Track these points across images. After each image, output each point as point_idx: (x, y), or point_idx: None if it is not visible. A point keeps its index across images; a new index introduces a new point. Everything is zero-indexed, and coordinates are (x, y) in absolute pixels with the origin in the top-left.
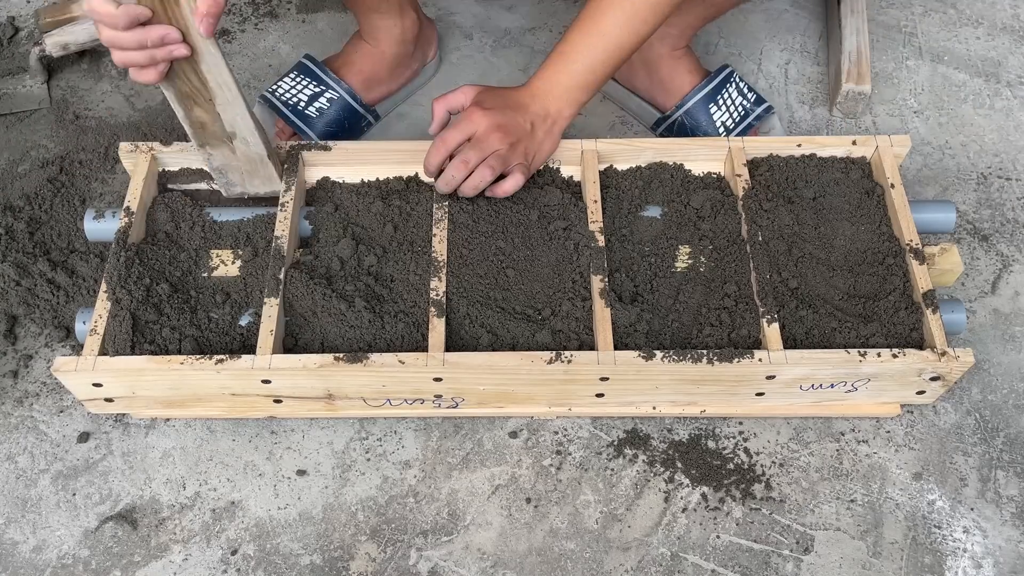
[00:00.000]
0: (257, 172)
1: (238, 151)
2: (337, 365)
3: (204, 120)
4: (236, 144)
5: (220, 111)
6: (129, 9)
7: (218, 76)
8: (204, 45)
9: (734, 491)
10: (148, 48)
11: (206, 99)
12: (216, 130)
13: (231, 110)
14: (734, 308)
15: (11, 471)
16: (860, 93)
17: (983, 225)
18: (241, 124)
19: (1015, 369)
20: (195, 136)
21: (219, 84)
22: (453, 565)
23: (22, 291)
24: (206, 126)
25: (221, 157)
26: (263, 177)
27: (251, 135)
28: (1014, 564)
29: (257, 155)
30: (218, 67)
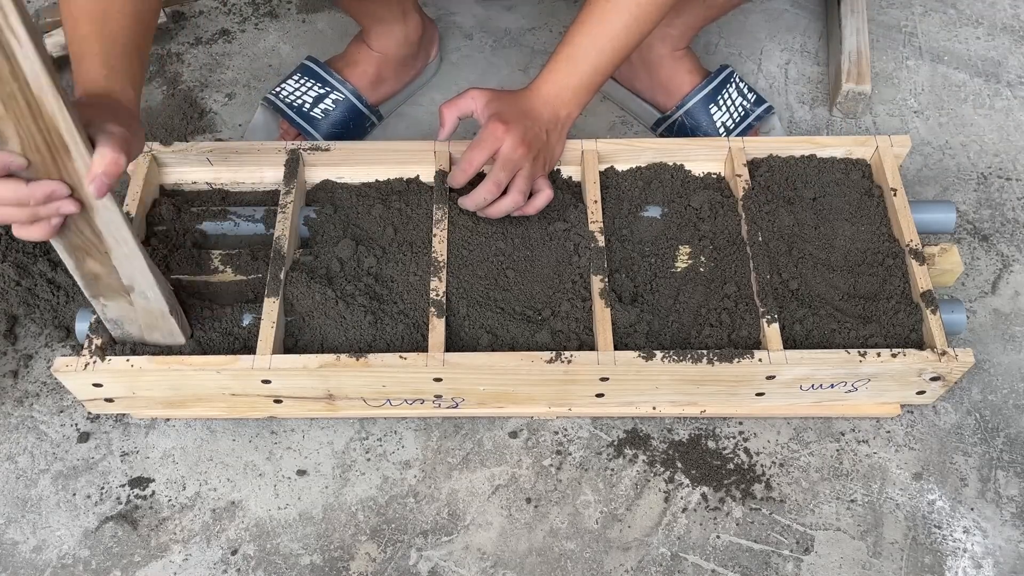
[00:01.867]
0: (157, 326)
1: (136, 304)
2: (337, 365)
3: (98, 272)
4: (134, 297)
5: (117, 264)
6: (3, 157)
7: (115, 231)
8: (98, 200)
9: (734, 491)
10: (31, 206)
11: (101, 252)
12: (112, 282)
13: (129, 264)
14: (734, 309)
15: (11, 471)
16: (860, 93)
17: (983, 225)
18: (140, 279)
19: (1015, 369)
20: (87, 287)
21: (116, 238)
22: (453, 565)
23: (22, 291)
24: (100, 278)
25: (117, 309)
26: (163, 331)
27: (151, 289)
28: (1014, 564)
29: (158, 310)
30: (115, 221)
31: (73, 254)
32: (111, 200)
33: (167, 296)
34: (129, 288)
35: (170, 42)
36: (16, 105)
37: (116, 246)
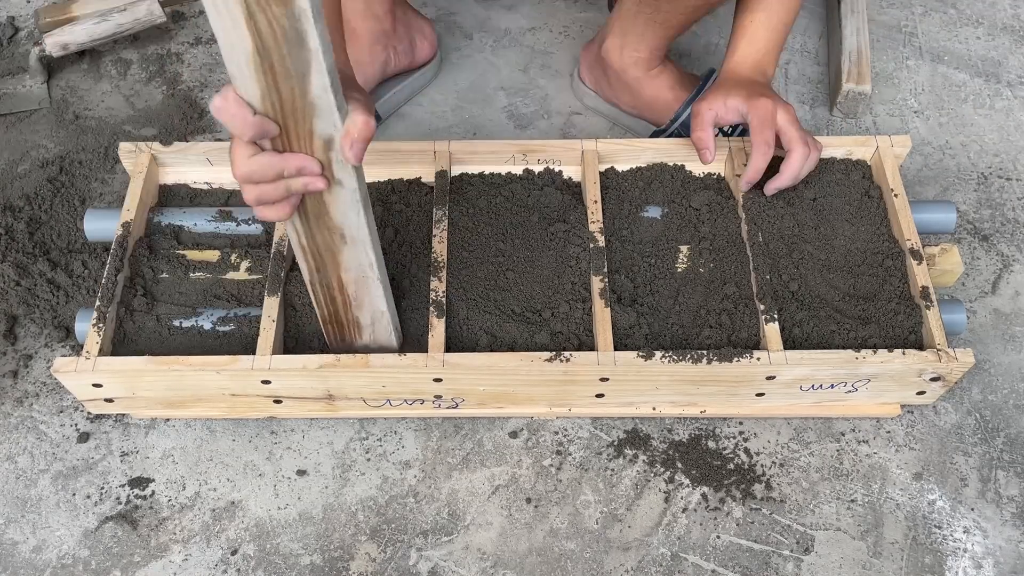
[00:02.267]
0: (372, 325)
1: (354, 295)
2: (337, 366)
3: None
4: (354, 287)
5: (346, 256)
6: (263, 122)
7: (352, 218)
8: (344, 177)
9: (734, 491)
10: (283, 180)
11: (333, 242)
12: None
13: (357, 254)
14: (733, 310)
15: (11, 471)
16: (860, 93)
17: (983, 225)
18: (369, 271)
19: (1015, 369)
20: (309, 275)
21: (352, 225)
22: (453, 565)
23: (22, 291)
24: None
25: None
26: (377, 332)
27: (376, 286)
28: (1014, 564)
29: (379, 310)
30: (353, 207)
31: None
32: (356, 178)
33: (389, 297)
34: (355, 280)
35: (170, 42)
36: (277, 67)
37: (350, 234)
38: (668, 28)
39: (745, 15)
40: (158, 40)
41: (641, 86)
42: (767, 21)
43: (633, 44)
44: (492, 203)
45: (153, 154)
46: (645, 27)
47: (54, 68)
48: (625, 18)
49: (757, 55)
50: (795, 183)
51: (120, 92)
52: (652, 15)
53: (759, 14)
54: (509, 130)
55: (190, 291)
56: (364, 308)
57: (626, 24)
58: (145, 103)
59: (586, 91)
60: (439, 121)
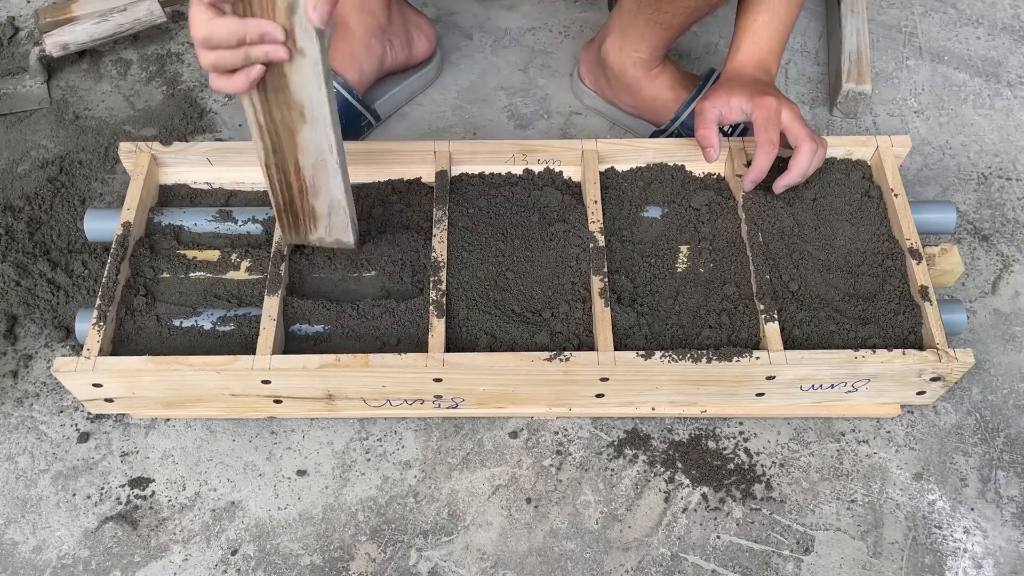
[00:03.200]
0: (328, 221)
1: (313, 183)
2: (337, 365)
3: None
4: (312, 173)
5: (304, 139)
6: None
7: (312, 93)
8: (308, 45)
9: (734, 491)
10: (244, 47)
11: (292, 123)
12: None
13: (316, 137)
14: (733, 310)
15: (11, 471)
16: (860, 93)
17: (983, 225)
18: (328, 157)
19: (1015, 369)
20: (266, 166)
21: (311, 102)
22: (453, 565)
23: (22, 291)
24: (280, 150)
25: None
26: (333, 226)
27: (335, 172)
28: (1014, 564)
29: (336, 201)
30: (313, 82)
31: (258, 115)
32: (319, 48)
33: (347, 186)
34: (313, 164)
35: (170, 42)
36: None
37: (309, 111)
38: (668, 29)
39: (748, 14)
40: (158, 40)
41: (641, 86)
42: (771, 20)
43: (633, 44)
44: (492, 203)
45: (153, 154)
46: (645, 27)
47: (54, 68)
48: (625, 18)
49: (761, 53)
50: (803, 180)
51: (120, 92)
52: (652, 16)
53: (763, 14)
54: (509, 130)
55: (190, 291)
56: (321, 196)
57: (626, 24)
58: (145, 103)
59: (586, 91)
60: (439, 121)
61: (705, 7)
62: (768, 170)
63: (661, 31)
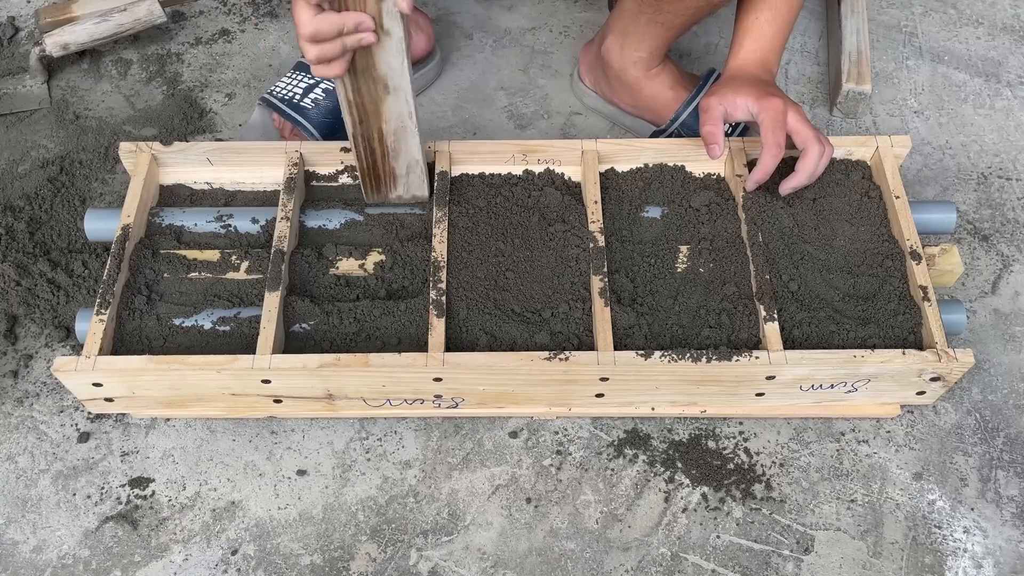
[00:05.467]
0: (408, 174)
1: (395, 144)
2: (337, 365)
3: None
4: (394, 132)
5: (386, 109)
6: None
7: (396, 73)
8: (392, 27)
9: (734, 491)
10: (342, 37)
11: (378, 91)
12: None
13: (399, 109)
14: (733, 310)
15: (11, 471)
16: (860, 93)
17: (983, 225)
18: (409, 123)
19: (1015, 369)
20: (352, 124)
21: (395, 81)
22: (453, 565)
23: (22, 291)
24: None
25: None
26: (411, 182)
27: (413, 135)
28: (1014, 564)
29: (414, 159)
30: (397, 61)
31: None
32: (403, 27)
33: (423, 146)
34: (395, 130)
35: (170, 42)
36: None
37: (392, 83)
38: (669, 29)
39: (750, 13)
40: (158, 40)
41: (641, 86)
42: (772, 19)
43: (633, 44)
44: (492, 203)
45: (153, 154)
46: (646, 28)
47: (54, 68)
48: (626, 18)
49: (763, 52)
50: (811, 182)
51: (120, 92)
52: (653, 16)
53: (764, 12)
54: (509, 130)
55: (190, 291)
56: (401, 158)
57: (627, 24)
58: (145, 103)
59: (586, 91)
60: (439, 121)
61: (707, 7)
62: (772, 171)
63: (662, 31)
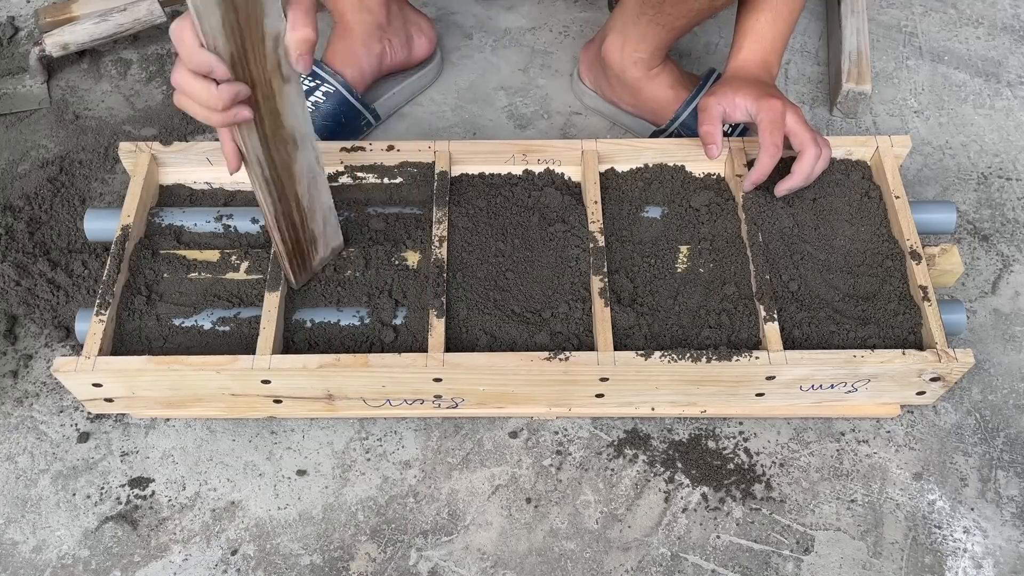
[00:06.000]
0: (324, 227)
1: (306, 193)
2: (337, 365)
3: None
4: (302, 185)
5: (297, 156)
6: (211, 60)
7: (299, 125)
8: (292, 73)
9: (734, 491)
10: (220, 110)
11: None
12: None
13: (306, 158)
14: (733, 310)
15: (11, 471)
16: (860, 93)
17: (983, 225)
18: (317, 168)
19: (1015, 369)
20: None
21: (300, 133)
22: (453, 565)
23: (22, 291)
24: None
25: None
26: (328, 235)
27: (324, 185)
28: (1014, 564)
29: (327, 205)
30: (297, 113)
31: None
32: (298, 90)
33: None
34: (308, 184)
35: (170, 42)
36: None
37: (299, 133)
38: (671, 30)
39: (751, 14)
40: (158, 40)
41: (641, 85)
42: (773, 21)
43: (634, 44)
44: (492, 203)
45: (153, 154)
46: (647, 28)
47: (54, 68)
48: (627, 18)
49: (763, 53)
50: (806, 184)
51: (120, 92)
52: (655, 16)
53: (765, 14)
54: (509, 130)
55: (190, 291)
56: (316, 213)
57: (628, 24)
58: (145, 103)
59: (586, 91)
60: (439, 121)
61: (709, 9)
62: (770, 172)
63: (663, 32)
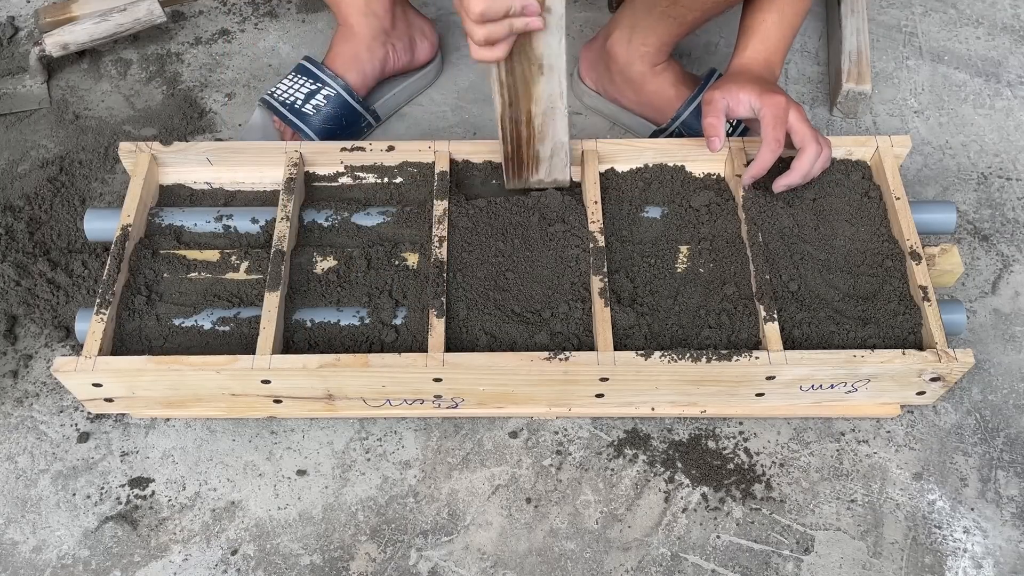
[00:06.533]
0: (552, 157)
1: (541, 130)
2: (337, 365)
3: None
4: (542, 120)
5: (537, 93)
6: None
7: (553, 58)
8: (555, 4)
9: (734, 491)
10: (510, 18)
11: (529, 80)
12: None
13: (550, 92)
14: (733, 310)
15: (11, 471)
16: (860, 93)
17: (983, 225)
18: (560, 105)
19: (1015, 369)
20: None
21: (550, 66)
22: (453, 565)
23: (22, 291)
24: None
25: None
26: (555, 165)
27: (562, 119)
28: (1014, 564)
29: (560, 143)
30: (554, 47)
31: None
32: (564, 2)
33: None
34: (544, 111)
35: (170, 42)
36: None
37: (548, 62)
38: (681, 24)
39: (757, 14)
40: (158, 40)
41: (645, 81)
42: (779, 21)
43: (641, 38)
44: (492, 203)
45: (153, 154)
46: (658, 21)
47: (54, 68)
48: (638, 12)
49: (768, 53)
50: (805, 181)
51: (120, 92)
52: (667, 9)
53: (772, 14)
54: None
55: (190, 291)
56: (547, 140)
57: (638, 18)
58: (145, 103)
59: (586, 91)
60: (439, 121)
61: (724, 4)
62: (770, 167)
63: (674, 26)
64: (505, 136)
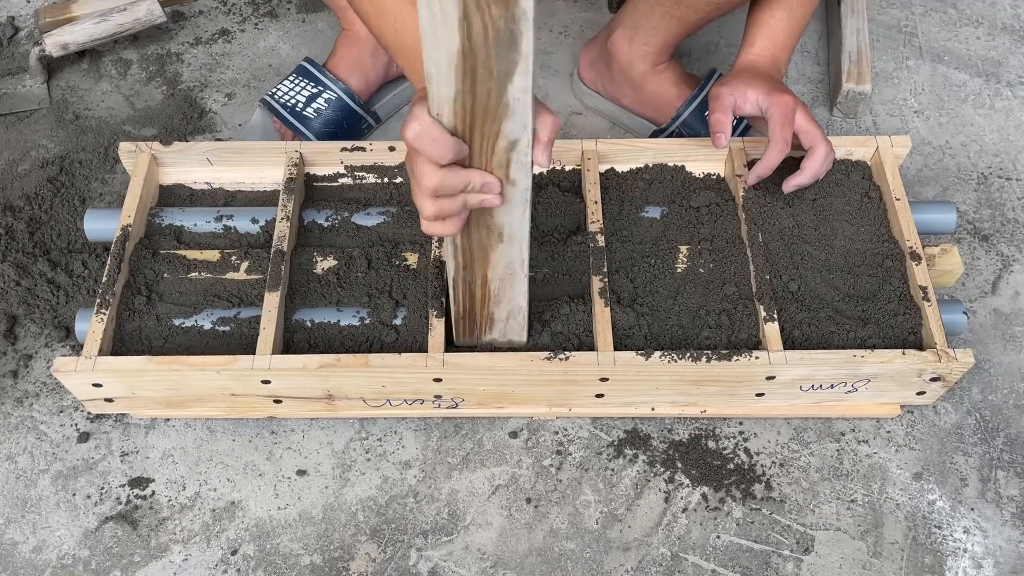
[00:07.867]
0: (507, 319)
1: (496, 292)
2: (337, 365)
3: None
4: (497, 286)
5: (495, 258)
6: (460, 144)
7: (516, 227)
8: (519, 177)
9: (734, 491)
10: (463, 195)
11: (484, 250)
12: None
13: (507, 257)
14: (733, 310)
15: (11, 471)
16: (860, 93)
17: (983, 225)
18: (519, 271)
19: (1015, 369)
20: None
21: (510, 235)
22: (453, 565)
23: (22, 291)
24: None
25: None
26: (510, 327)
27: (521, 284)
28: (1014, 564)
29: (517, 307)
30: (518, 215)
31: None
32: (529, 177)
33: (526, 287)
34: (501, 277)
35: (170, 42)
36: (480, 68)
37: (508, 232)
38: (684, 25)
39: (765, 11)
40: (158, 40)
41: (646, 80)
42: (787, 19)
43: (643, 38)
44: None
45: (153, 154)
46: (660, 21)
47: (54, 68)
48: (640, 11)
49: (774, 51)
50: (813, 181)
51: (120, 92)
52: (671, 9)
53: (780, 12)
54: None
55: (190, 291)
56: (503, 304)
57: (640, 17)
58: (145, 103)
59: (586, 91)
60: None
61: (728, 5)
62: (775, 168)
63: (676, 26)
64: (457, 296)
